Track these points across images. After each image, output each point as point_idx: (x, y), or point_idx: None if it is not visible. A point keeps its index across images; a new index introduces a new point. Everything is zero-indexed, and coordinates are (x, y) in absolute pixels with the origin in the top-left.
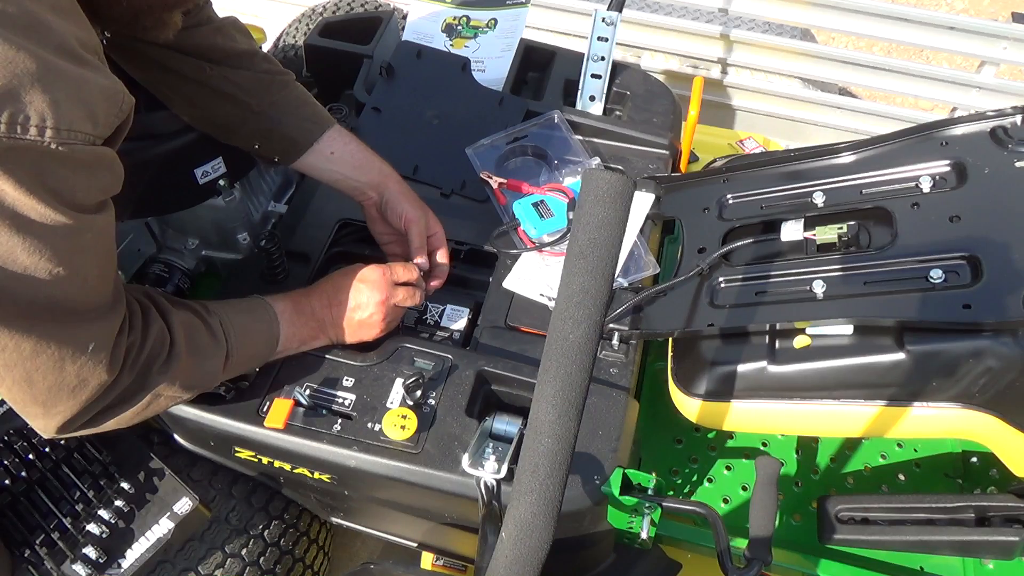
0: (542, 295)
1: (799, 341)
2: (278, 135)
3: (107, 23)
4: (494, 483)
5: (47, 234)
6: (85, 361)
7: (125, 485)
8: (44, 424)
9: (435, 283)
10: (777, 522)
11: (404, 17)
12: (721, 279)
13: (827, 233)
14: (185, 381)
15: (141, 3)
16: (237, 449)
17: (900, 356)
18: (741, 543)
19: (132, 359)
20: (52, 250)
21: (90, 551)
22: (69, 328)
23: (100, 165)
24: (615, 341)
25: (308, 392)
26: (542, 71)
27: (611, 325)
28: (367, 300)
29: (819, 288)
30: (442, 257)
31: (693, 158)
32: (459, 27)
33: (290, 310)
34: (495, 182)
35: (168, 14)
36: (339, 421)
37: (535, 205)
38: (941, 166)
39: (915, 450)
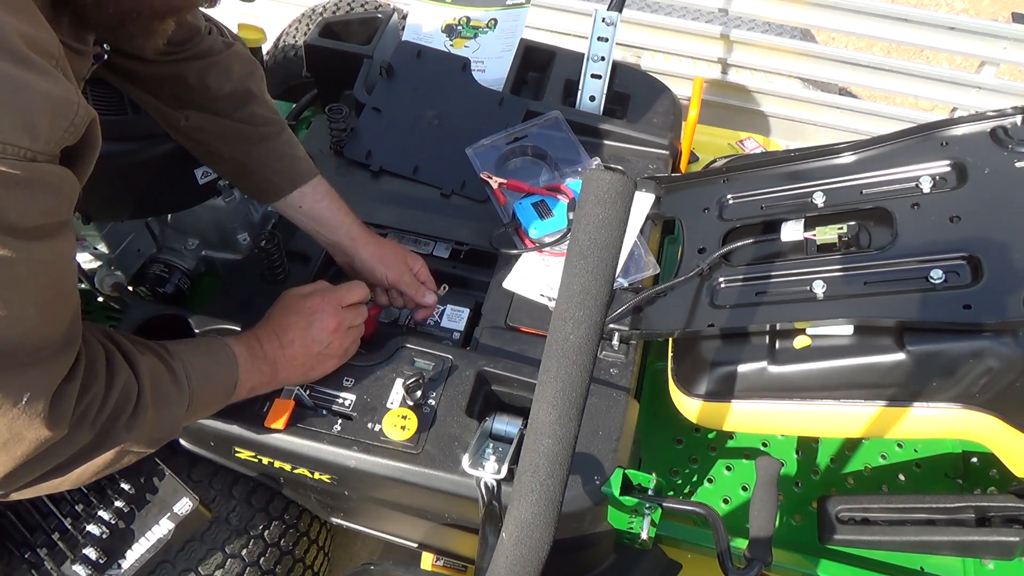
0: (542, 295)
1: (799, 341)
2: (247, 181)
3: (94, 28)
4: (494, 483)
5: None
6: (18, 413)
7: (125, 486)
8: None
9: (424, 313)
10: (777, 522)
11: (404, 17)
12: (721, 279)
13: (827, 233)
14: (151, 434)
15: (128, 8)
16: (237, 449)
17: (900, 356)
18: (741, 543)
19: (94, 414)
20: None
21: (90, 552)
22: None
23: (40, 185)
24: (615, 341)
25: (308, 392)
26: (542, 71)
27: (611, 325)
28: (319, 331)
29: (819, 288)
30: (429, 287)
31: (693, 158)
32: (459, 27)
33: (245, 354)
34: (495, 182)
35: (158, 23)
36: (339, 421)
37: (535, 205)
38: (941, 166)
39: (915, 450)
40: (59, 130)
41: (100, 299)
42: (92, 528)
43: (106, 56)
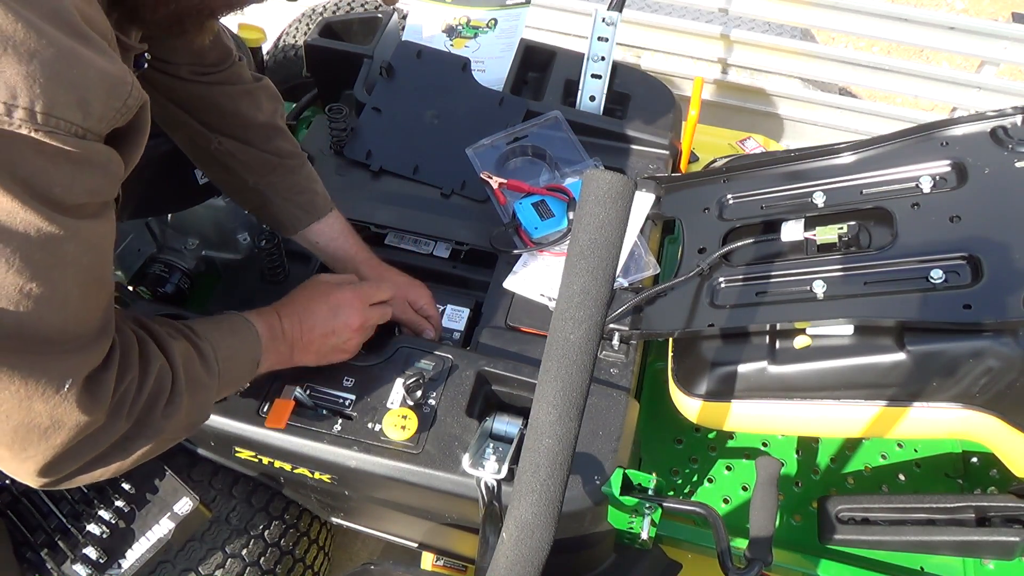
0: (542, 295)
1: (799, 341)
2: (267, 212)
3: (148, 26)
4: (494, 483)
5: (16, 238)
6: (59, 400)
7: (125, 485)
8: (17, 469)
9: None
10: (777, 522)
11: (404, 17)
12: (721, 279)
13: (827, 233)
14: (187, 420)
15: (188, 7)
16: (237, 449)
17: (900, 356)
18: (741, 543)
19: (130, 402)
20: (23, 260)
21: (90, 551)
22: (41, 360)
23: (88, 163)
24: (615, 341)
25: (308, 392)
26: (542, 71)
27: (611, 325)
28: (343, 326)
29: (819, 288)
30: (433, 323)
31: (693, 158)
32: (459, 27)
33: (267, 333)
34: (495, 182)
35: (211, 20)
36: (339, 421)
37: (535, 205)
38: (941, 166)
39: (915, 450)
40: (111, 109)
41: None
42: (92, 528)
43: (146, 64)
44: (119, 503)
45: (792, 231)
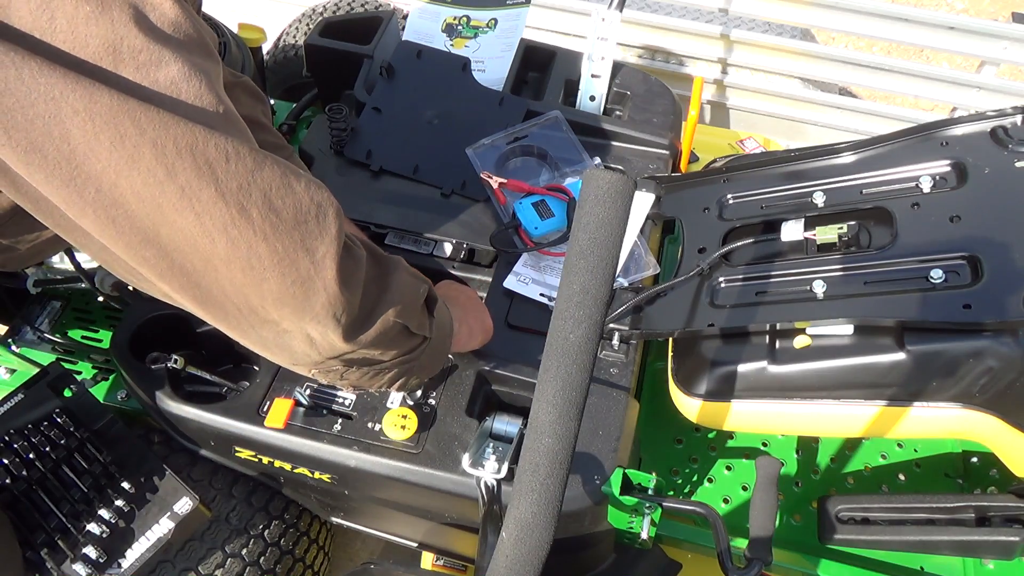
0: (542, 295)
1: (799, 341)
2: None
3: None
4: (494, 483)
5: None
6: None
7: (125, 485)
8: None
9: None
10: (777, 522)
11: (404, 17)
12: (721, 279)
13: (827, 233)
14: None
15: None
16: (237, 449)
17: (900, 356)
18: (741, 543)
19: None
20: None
21: (90, 551)
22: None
23: None
24: (615, 341)
25: (308, 392)
26: (542, 71)
27: (611, 325)
28: (480, 329)
29: (819, 288)
30: None
31: (693, 158)
32: (459, 27)
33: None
34: (495, 182)
35: None
36: (339, 421)
37: (535, 205)
38: (941, 166)
39: (915, 450)
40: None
41: (100, 299)
42: (92, 527)
43: None
44: (119, 503)
45: (792, 231)
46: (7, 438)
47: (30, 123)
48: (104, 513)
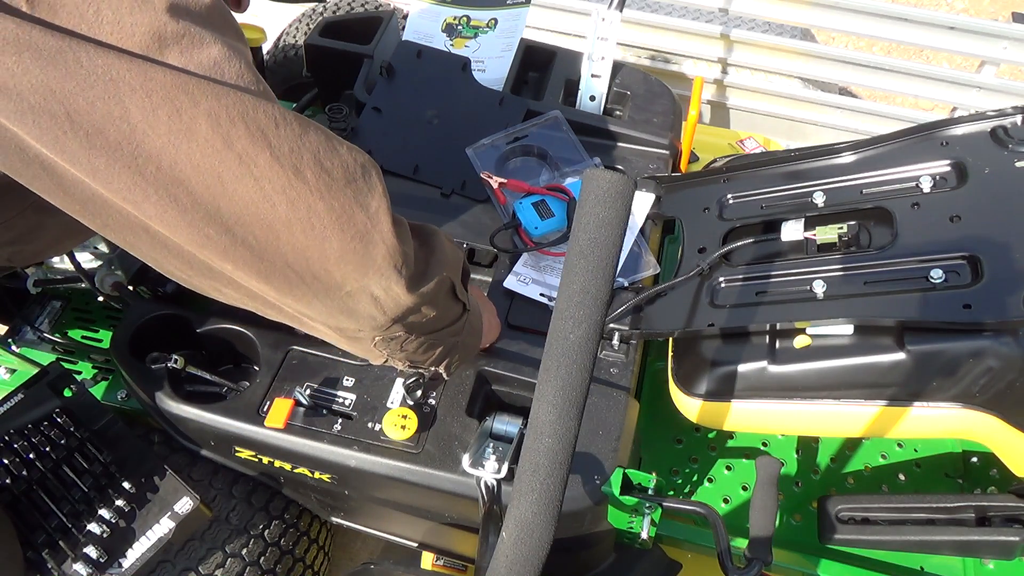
0: (542, 295)
1: (799, 341)
2: None
3: None
4: (494, 483)
5: None
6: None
7: (126, 485)
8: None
9: None
10: (777, 522)
11: (404, 17)
12: (721, 279)
13: (827, 233)
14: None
15: None
16: (237, 449)
17: (900, 356)
18: (741, 543)
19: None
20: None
21: (91, 550)
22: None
23: None
24: (615, 341)
25: (308, 392)
26: (542, 71)
27: (611, 325)
28: (495, 324)
29: (819, 288)
30: None
31: (693, 158)
32: (459, 27)
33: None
34: (495, 182)
35: None
36: (339, 421)
37: (535, 205)
38: (941, 166)
39: (915, 450)
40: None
41: (100, 299)
42: (93, 527)
43: None
44: (119, 502)
45: (792, 231)
46: (7, 438)
47: (91, 105)
48: (105, 513)
